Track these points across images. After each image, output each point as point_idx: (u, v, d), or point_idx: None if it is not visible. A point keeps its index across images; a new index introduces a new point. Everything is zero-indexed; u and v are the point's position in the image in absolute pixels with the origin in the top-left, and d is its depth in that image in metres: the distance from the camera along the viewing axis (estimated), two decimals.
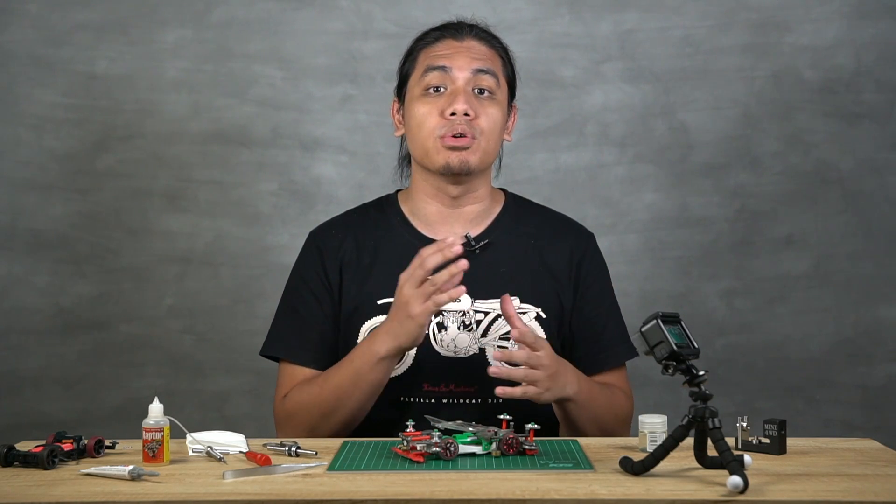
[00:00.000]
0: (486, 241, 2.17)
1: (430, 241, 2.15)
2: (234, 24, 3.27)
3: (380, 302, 2.13)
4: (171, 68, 3.26)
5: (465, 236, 2.17)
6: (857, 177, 3.27)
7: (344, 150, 3.29)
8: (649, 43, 3.27)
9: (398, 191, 2.28)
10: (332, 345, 2.17)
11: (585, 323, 2.18)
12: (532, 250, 2.19)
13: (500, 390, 1.92)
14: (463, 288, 1.91)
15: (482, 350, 2.11)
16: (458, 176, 2.13)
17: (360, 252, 2.18)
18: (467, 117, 2.10)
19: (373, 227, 2.21)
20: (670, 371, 1.63)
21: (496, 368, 1.91)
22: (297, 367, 2.16)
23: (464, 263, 1.90)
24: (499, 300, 2.02)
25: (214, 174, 3.27)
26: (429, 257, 1.92)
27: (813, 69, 3.27)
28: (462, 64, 2.14)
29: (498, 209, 2.23)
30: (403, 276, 1.96)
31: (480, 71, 2.13)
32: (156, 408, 1.75)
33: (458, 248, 1.91)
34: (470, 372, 2.09)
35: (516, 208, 2.25)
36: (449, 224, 2.19)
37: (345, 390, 2.03)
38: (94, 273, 3.26)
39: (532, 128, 3.26)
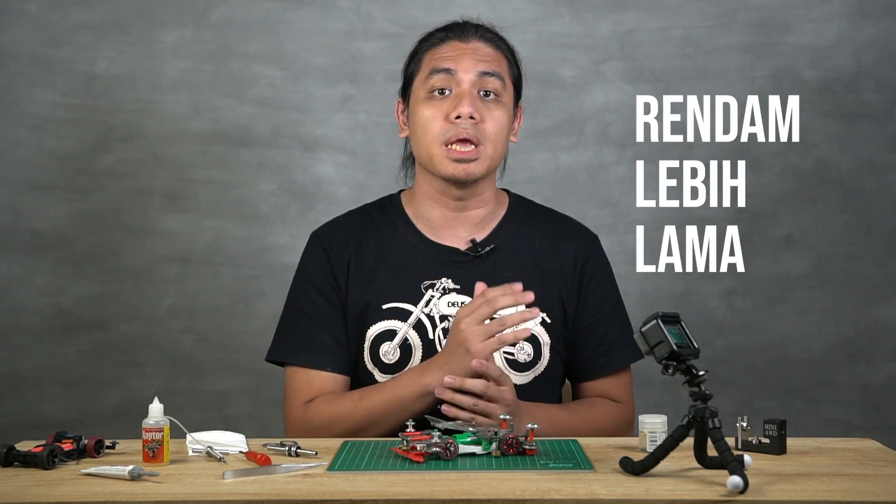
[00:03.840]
0: (491, 246, 2.15)
1: (434, 244, 2.15)
2: (234, 24, 3.27)
3: (385, 307, 2.11)
4: (171, 68, 3.26)
5: (472, 241, 2.16)
6: (857, 177, 3.27)
7: (344, 150, 3.28)
8: (649, 43, 3.27)
9: (401, 191, 2.25)
10: (346, 345, 2.12)
11: (586, 327, 2.16)
12: (536, 254, 2.17)
13: (445, 408, 1.92)
14: (528, 331, 1.89)
15: None
16: (463, 182, 2.12)
17: (363, 254, 2.15)
18: (472, 121, 2.07)
19: (376, 229, 2.18)
20: (670, 371, 1.63)
21: (450, 378, 1.91)
22: (312, 371, 2.10)
23: (535, 311, 1.90)
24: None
25: (214, 174, 3.27)
26: (498, 298, 1.91)
27: (813, 69, 3.27)
28: (467, 66, 2.10)
29: (502, 212, 2.20)
30: (462, 312, 1.94)
31: (486, 73, 2.10)
32: (156, 408, 1.75)
33: (531, 296, 1.91)
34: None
35: (520, 211, 2.22)
36: (453, 228, 2.16)
37: (383, 415, 2.00)
38: (94, 273, 3.26)
39: (532, 128, 3.25)
